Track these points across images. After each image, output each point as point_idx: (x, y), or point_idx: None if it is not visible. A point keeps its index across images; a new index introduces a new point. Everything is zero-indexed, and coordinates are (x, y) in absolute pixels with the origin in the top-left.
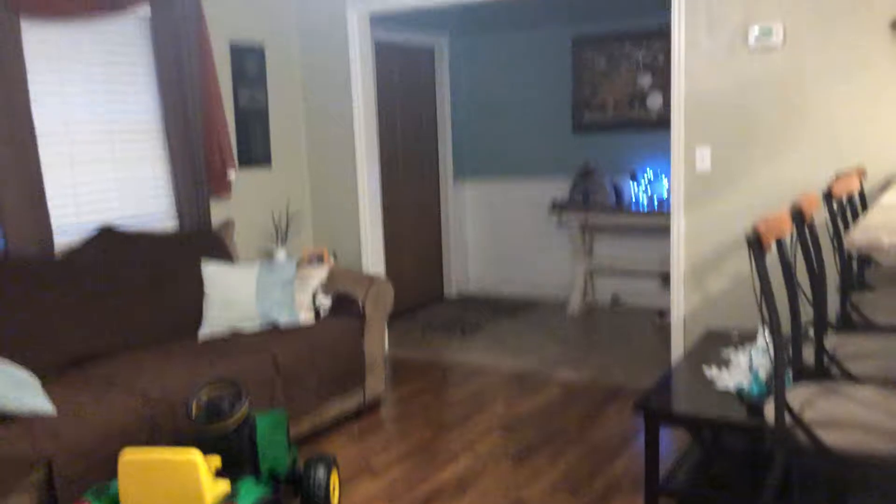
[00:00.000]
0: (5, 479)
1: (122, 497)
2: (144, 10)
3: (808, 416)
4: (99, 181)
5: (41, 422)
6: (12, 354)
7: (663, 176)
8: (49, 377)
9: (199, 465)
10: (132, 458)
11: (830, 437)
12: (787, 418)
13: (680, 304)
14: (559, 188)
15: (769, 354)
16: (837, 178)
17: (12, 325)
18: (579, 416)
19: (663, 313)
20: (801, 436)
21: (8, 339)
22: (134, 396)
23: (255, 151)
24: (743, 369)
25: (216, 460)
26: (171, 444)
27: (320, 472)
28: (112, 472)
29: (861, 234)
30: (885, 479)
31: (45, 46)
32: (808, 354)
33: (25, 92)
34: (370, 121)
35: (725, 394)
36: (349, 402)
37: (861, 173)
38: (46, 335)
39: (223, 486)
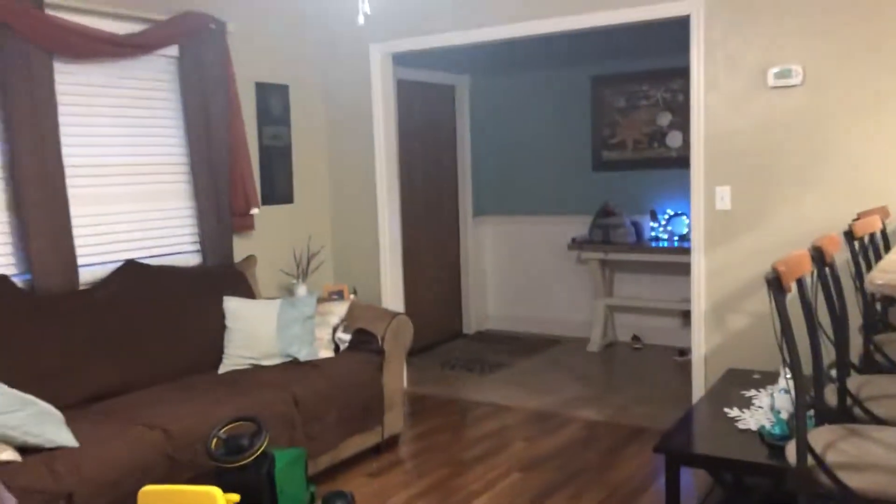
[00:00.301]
0: None
1: None
2: (172, 51)
3: (831, 458)
4: (124, 216)
5: (63, 455)
6: (36, 387)
7: (683, 215)
8: (71, 411)
9: (218, 499)
10: (152, 492)
11: (854, 480)
12: (810, 460)
13: (701, 342)
14: (579, 226)
15: (791, 395)
16: (859, 217)
17: (37, 358)
18: (599, 457)
19: (684, 352)
20: (823, 478)
21: (32, 372)
22: (154, 431)
23: (277, 188)
24: (765, 410)
25: (234, 497)
26: (190, 480)
27: None
28: None
29: (880, 275)
30: None
31: (75, 86)
32: (831, 395)
33: (56, 130)
34: (391, 158)
35: (747, 434)
36: (368, 439)
37: (884, 213)
38: (69, 369)
39: None
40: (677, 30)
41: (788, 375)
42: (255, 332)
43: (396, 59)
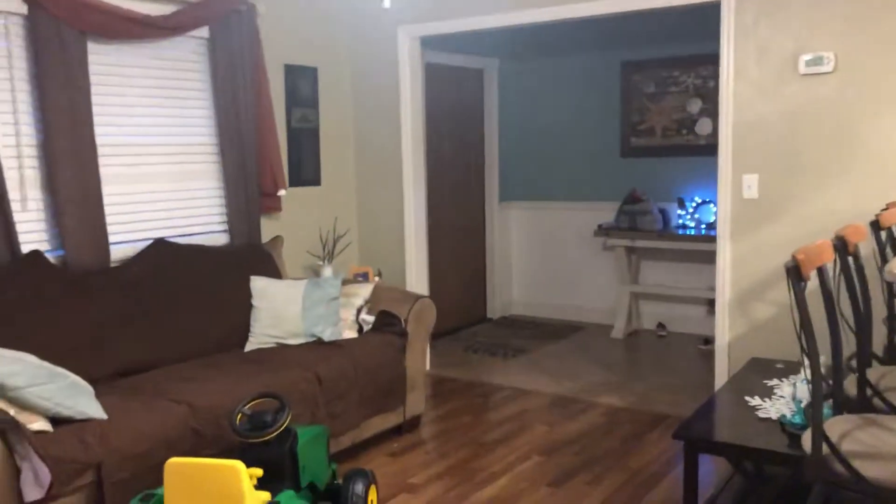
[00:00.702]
0: (58, 480)
1: (168, 502)
2: (203, 32)
3: (847, 447)
4: (154, 195)
5: (93, 426)
6: (67, 361)
7: (710, 203)
8: (100, 384)
9: (242, 473)
10: (178, 464)
11: (869, 470)
12: (825, 448)
13: (725, 331)
14: (606, 212)
15: None
16: (888, 207)
17: (68, 333)
18: (620, 442)
19: (708, 340)
20: (838, 467)
21: (63, 346)
22: (181, 406)
23: (305, 170)
24: (786, 399)
25: (257, 472)
26: (215, 454)
27: (359, 487)
28: (157, 480)
29: None
30: None
31: (108, 66)
32: (852, 386)
33: (89, 110)
34: (418, 142)
35: (767, 423)
36: (390, 420)
37: None
38: (99, 344)
39: (263, 497)
40: (709, 15)
41: (809, 367)
42: (280, 311)
43: (425, 42)
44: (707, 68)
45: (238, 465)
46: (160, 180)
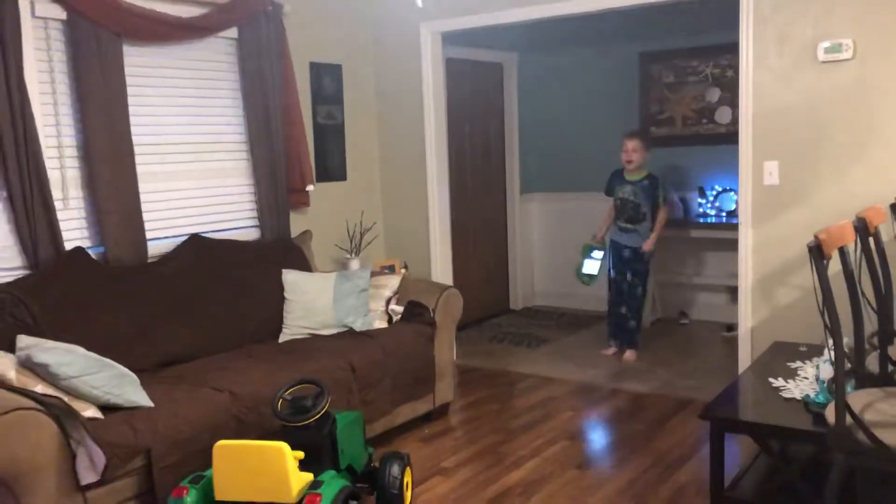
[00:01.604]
0: (111, 464)
1: (217, 482)
2: (232, 32)
3: (868, 417)
4: (188, 192)
5: (140, 414)
6: (110, 353)
7: (731, 191)
8: (143, 374)
9: (287, 453)
10: (226, 446)
11: (890, 437)
12: (848, 419)
13: (747, 316)
14: None
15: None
16: None
17: (111, 325)
18: (645, 426)
19: (731, 327)
20: (861, 436)
21: (107, 338)
22: (222, 394)
23: (331, 166)
24: (810, 380)
25: (299, 454)
26: (257, 439)
27: (395, 469)
28: (203, 464)
29: None
30: None
31: (142, 68)
32: (873, 363)
33: (126, 110)
34: (441, 136)
35: (791, 403)
36: (420, 407)
37: None
38: (141, 336)
39: (306, 477)
40: (727, 5)
41: (832, 344)
42: (312, 303)
43: (445, 37)
44: (725, 57)
45: (283, 446)
46: (193, 178)
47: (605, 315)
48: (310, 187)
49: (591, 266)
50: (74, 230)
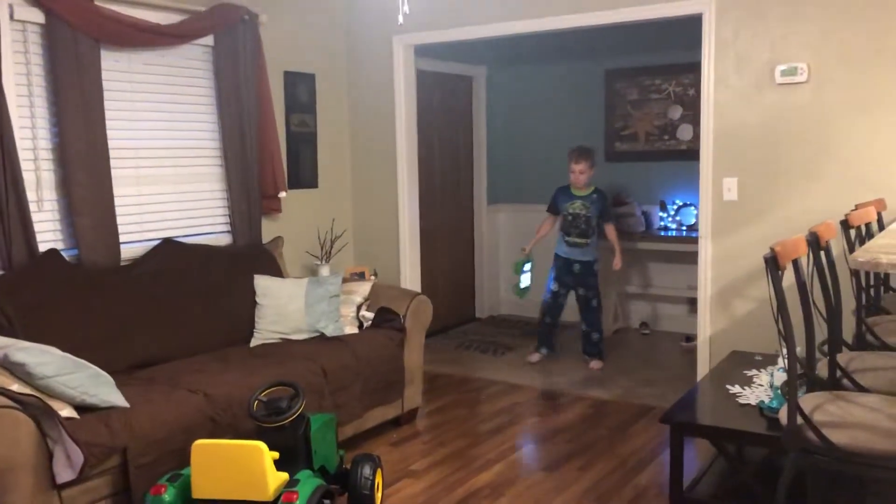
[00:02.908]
0: (88, 463)
1: (194, 480)
2: (208, 40)
3: (818, 417)
4: (161, 197)
5: (116, 414)
6: (84, 355)
7: (691, 205)
8: (117, 376)
9: (265, 452)
10: (204, 445)
11: (837, 437)
12: (799, 420)
13: (706, 326)
14: None
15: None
16: (857, 208)
17: (84, 327)
18: (608, 431)
19: (690, 338)
20: (810, 435)
21: (81, 340)
22: (197, 395)
23: (303, 173)
24: (765, 387)
25: (274, 455)
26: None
27: (367, 470)
28: (177, 463)
29: (863, 254)
30: (886, 476)
31: (119, 73)
32: (823, 369)
33: (102, 114)
34: (412, 146)
35: (747, 408)
36: (389, 412)
37: (880, 205)
38: (114, 338)
39: (283, 476)
40: (689, 26)
41: (786, 350)
42: (284, 308)
43: (417, 50)
44: (687, 76)
45: (261, 445)
46: (167, 182)
47: (539, 324)
48: (282, 194)
49: (526, 279)
50: (48, 232)
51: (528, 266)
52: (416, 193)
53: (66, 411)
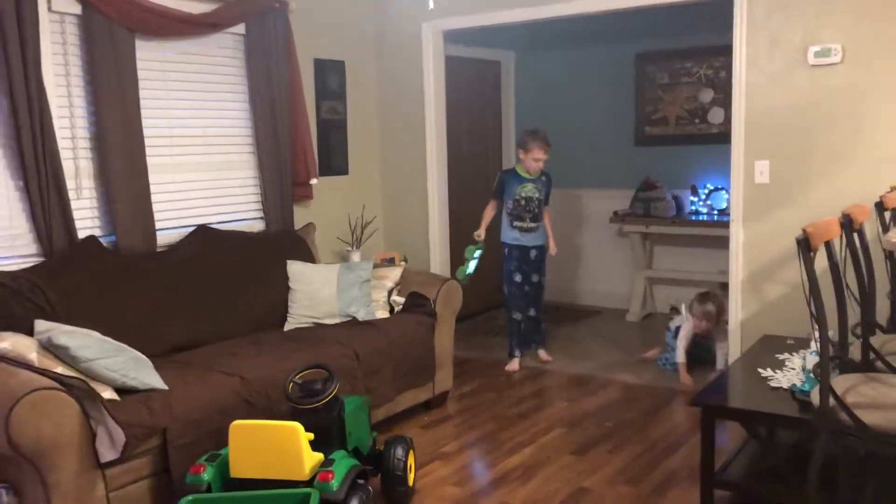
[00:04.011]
0: (130, 443)
1: (232, 460)
2: (240, 28)
3: (850, 399)
4: (196, 184)
5: (155, 396)
6: (122, 339)
7: (723, 189)
8: (155, 359)
9: (301, 432)
10: (242, 425)
11: (869, 418)
12: (831, 401)
13: (738, 310)
14: (621, 199)
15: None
16: (892, 190)
17: (123, 312)
18: (638, 415)
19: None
20: (842, 416)
21: (119, 324)
22: (233, 378)
23: (334, 160)
24: (797, 371)
25: (309, 436)
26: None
27: (399, 451)
28: (214, 444)
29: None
30: None
31: (153, 62)
32: (857, 352)
33: (137, 103)
34: (440, 132)
35: (778, 391)
36: (420, 395)
37: None
38: (151, 322)
39: (318, 456)
40: (720, 8)
41: (818, 333)
42: (316, 293)
43: (445, 35)
44: (718, 59)
45: (297, 425)
46: (201, 170)
47: (509, 324)
48: (313, 181)
49: (472, 266)
50: (87, 219)
51: (478, 253)
52: (445, 179)
53: (108, 393)
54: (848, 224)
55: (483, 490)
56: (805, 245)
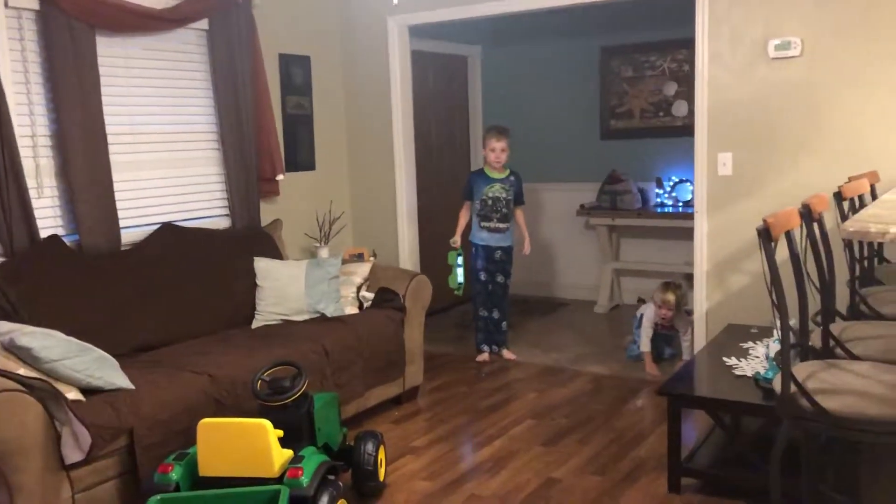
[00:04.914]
0: (96, 444)
1: (201, 459)
2: (203, 24)
3: (811, 384)
4: (160, 182)
5: (122, 396)
6: (87, 339)
7: (687, 181)
8: (121, 359)
9: (269, 429)
10: (210, 423)
11: (829, 403)
12: (793, 388)
13: (702, 300)
14: (587, 193)
15: None
16: (850, 181)
17: (87, 311)
18: (606, 406)
19: (688, 312)
20: (803, 402)
21: (84, 324)
22: (201, 376)
23: (300, 156)
24: (760, 359)
25: (278, 433)
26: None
27: (369, 447)
28: (183, 444)
29: (853, 223)
30: (877, 440)
31: (115, 58)
32: (817, 339)
33: (99, 100)
34: (408, 126)
35: (743, 380)
36: (390, 390)
37: (874, 177)
38: (117, 322)
39: (287, 453)
40: (683, 2)
41: (779, 321)
42: (284, 290)
43: (411, 30)
44: (682, 52)
45: (265, 423)
46: (165, 167)
47: (475, 320)
48: (280, 177)
49: (461, 273)
50: (49, 218)
51: (461, 259)
52: (414, 174)
53: (73, 394)
54: (808, 214)
55: (454, 483)
56: (766, 235)
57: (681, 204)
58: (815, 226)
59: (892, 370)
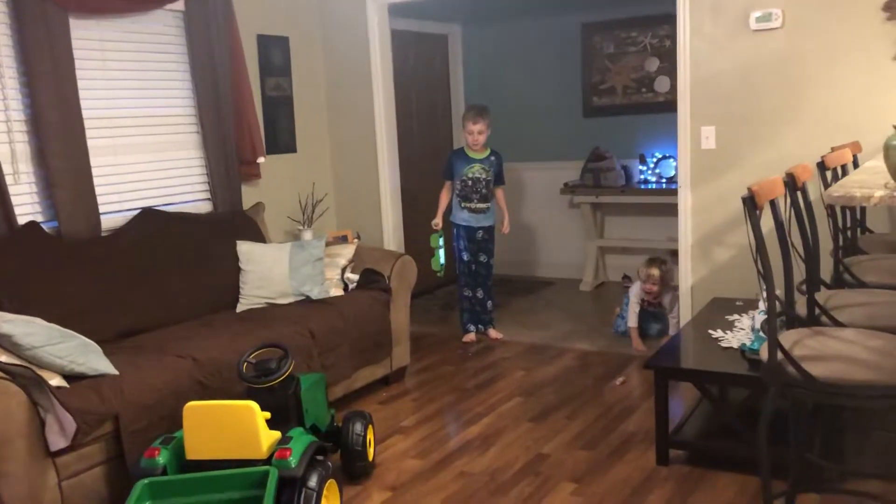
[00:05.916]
0: (81, 430)
1: (188, 442)
2: (179, 5)
3: (797, 352)
4: (139, 166)
5: (106, 381)
6: (69, 325)
7: (671, 157)
8: (104, 345)
9: (256, 411)
10: (196, 406)
11: (815, 369)
12: (779, 355)
13: (687, 274)
14: (571, 171)
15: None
16: (833, 151)
17: (68, 298)
18: (593, 382)
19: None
20: (790, 369)
21: (65, 310)
22: (185, 360)
23: (281, 138)
24: (746, 331)
25: (265, 415)
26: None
27: (357, 427)
28: (169, 428)
29: (837, 189)
30: (864, 405)
31: (90, 41)
32: (802, 308)
33: (74, 84)
34: (389, 107)
35: (729, 351)
36: (378, 371)
37: (855, 147)
38: (99, 308)
39: (275, 434)
40: None
41: (765, 291)
42: (268, 273)
43: (391, 9)
44: (663, 28)
45: (252, 404)
46: (144, 151)
47: (460, 301)
48: (261, 159)
49: (442, 254)
50: (27, 205)
51: (442, 241)
52: (396, 154)
53: (56, 381)
54: (792, 183)
55: (443, 461)
56: (751, 203)
57: (664, 180)
58: (799, 195)
59: (876, 336)
